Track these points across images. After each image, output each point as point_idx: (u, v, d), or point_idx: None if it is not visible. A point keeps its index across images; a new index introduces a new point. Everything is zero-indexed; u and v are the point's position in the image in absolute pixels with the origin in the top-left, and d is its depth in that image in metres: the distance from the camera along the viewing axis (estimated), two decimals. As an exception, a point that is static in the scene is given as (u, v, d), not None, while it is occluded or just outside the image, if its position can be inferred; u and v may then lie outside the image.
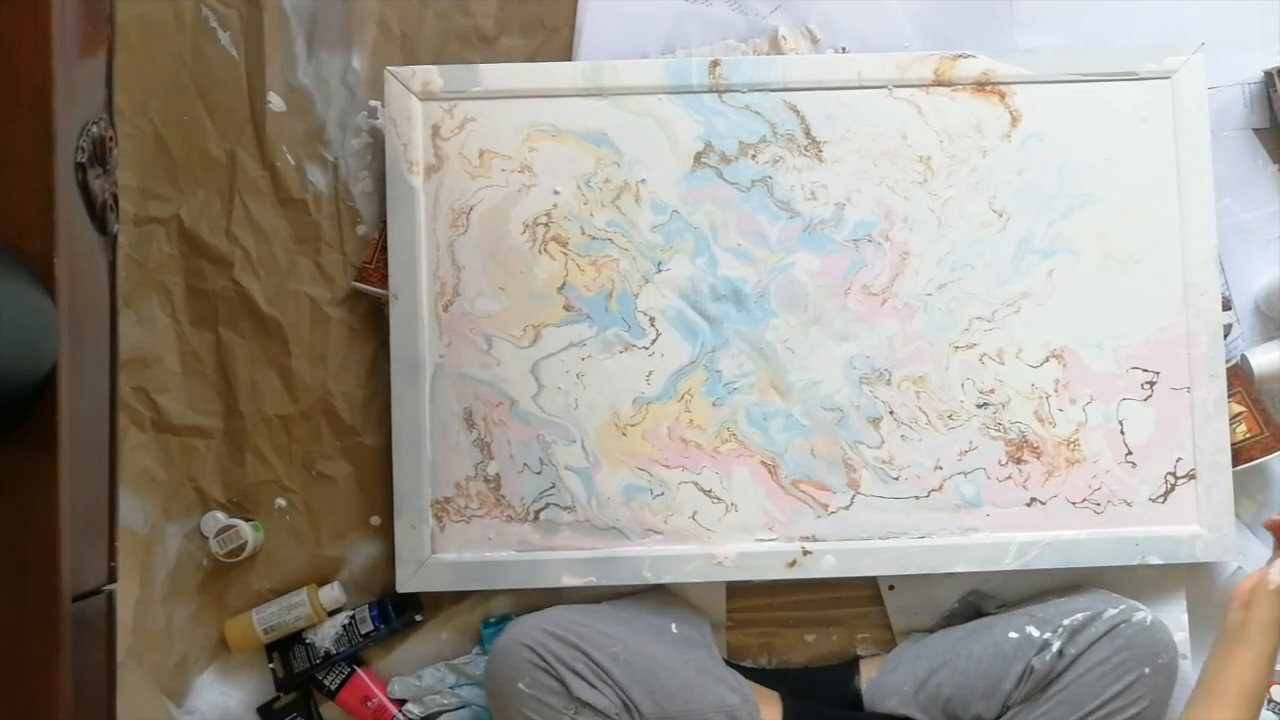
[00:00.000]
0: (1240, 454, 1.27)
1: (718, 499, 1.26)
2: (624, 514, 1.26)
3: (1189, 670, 1.24)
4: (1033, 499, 1.26)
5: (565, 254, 1.28)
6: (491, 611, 1.30)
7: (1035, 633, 1.18)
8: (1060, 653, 1.15)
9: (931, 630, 1.29)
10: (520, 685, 1.15)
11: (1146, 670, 1.14)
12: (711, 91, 1.28)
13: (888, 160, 1.28)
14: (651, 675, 1.17)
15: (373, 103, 1.33)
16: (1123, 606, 1.18)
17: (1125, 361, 1.27)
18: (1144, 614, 1.17)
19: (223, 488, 1.32)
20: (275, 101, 1.33)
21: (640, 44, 1.33)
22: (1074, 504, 1.26)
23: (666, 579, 1.26)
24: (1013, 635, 1.19)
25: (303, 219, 1.33)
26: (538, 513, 1.27)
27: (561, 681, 1.14)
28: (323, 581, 1.31)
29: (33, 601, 0.82)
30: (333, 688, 1.30)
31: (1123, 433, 1.26)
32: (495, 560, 1.26)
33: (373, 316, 1.33)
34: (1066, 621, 1.17)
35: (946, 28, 1.34)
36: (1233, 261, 1.32)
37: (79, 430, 0.87)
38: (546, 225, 1.28)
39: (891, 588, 1.29)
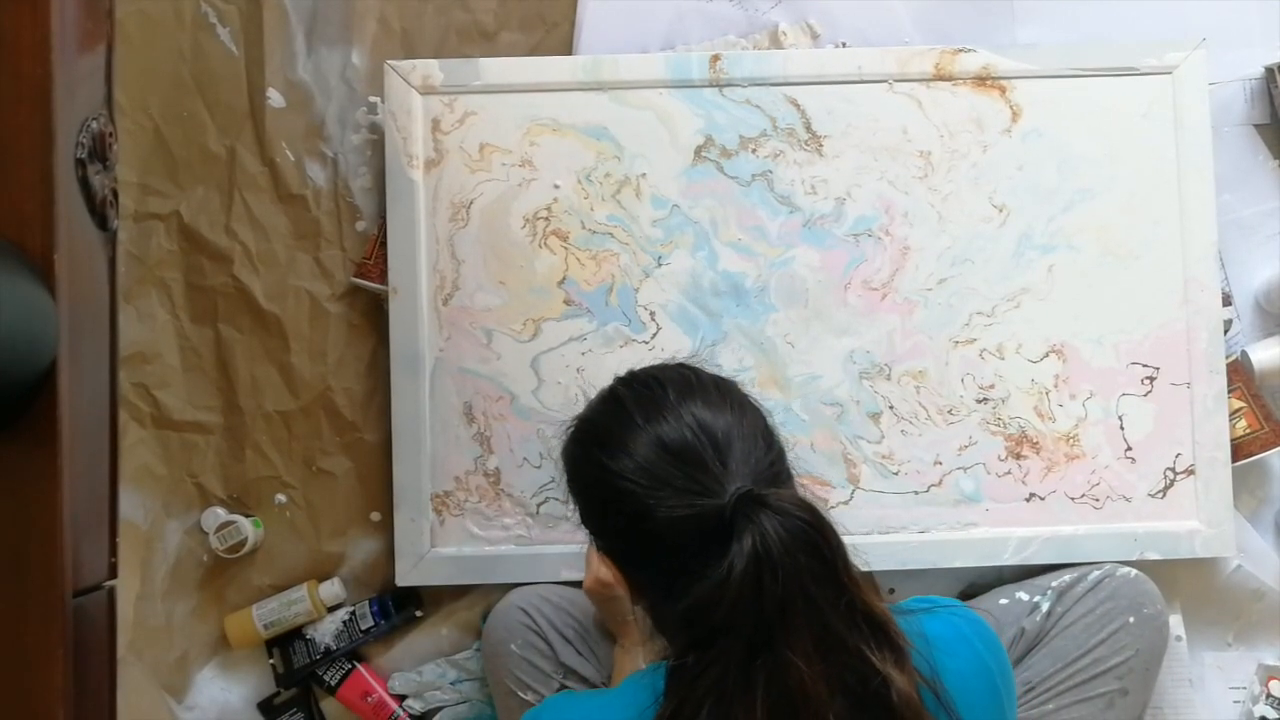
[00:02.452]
0: (1240, 450, 1.27)
1: (718, 494, 1.26)
2: (624, 509, 1.26)
3: (1186, 661, 1.25)
4: (1032, 494, 1.26)
5: (565, 248, 1.28)
6: (491, 607, 1.30)
7: (1025, 596, 1.20)
8: (1048, 613, 1.17)
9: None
10: (512, 646, 1.17)
11: (1131, 619, 1.15)
12: (712, 86, 1.28)
13: (888, 155, 1.28)
14: None
15: (372, 99, 1.33)
16: (1107, 566, 1.20)
17: (1125, 357, 1.27)
18: (1128, 570, 1.20)
19: (223, 483, 1.32)
20: (275, 97, 1.33)
21: (640, 40, 1.33)
22: (1073, 499, 1.26)
23: (666, 574, 1.26)
24: (1003, 601, 1.20)
25: (302, 215, 1.33)
26: (537, 507, 1.27)
27: (550, 646, 1.16)
28: (323, 577, 1.31)
29: (33, 597, 0.82)
30: (333, 683, 1.30)
31: (1122, 428, 1.26)
32: (494, 555, 1.26)
33: (372, 312, 1.32)
34: (1054, 583, 1.19)
35: (946, 23, 1.34)
36: (1233, 257, 1.32)
37: (79, 426, 0.87)
38: (547, 219, 1.28)
39: (892, 591, 1.29)
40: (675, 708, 0.77)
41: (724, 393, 0.86)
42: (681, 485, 0.78)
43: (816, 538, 0.76)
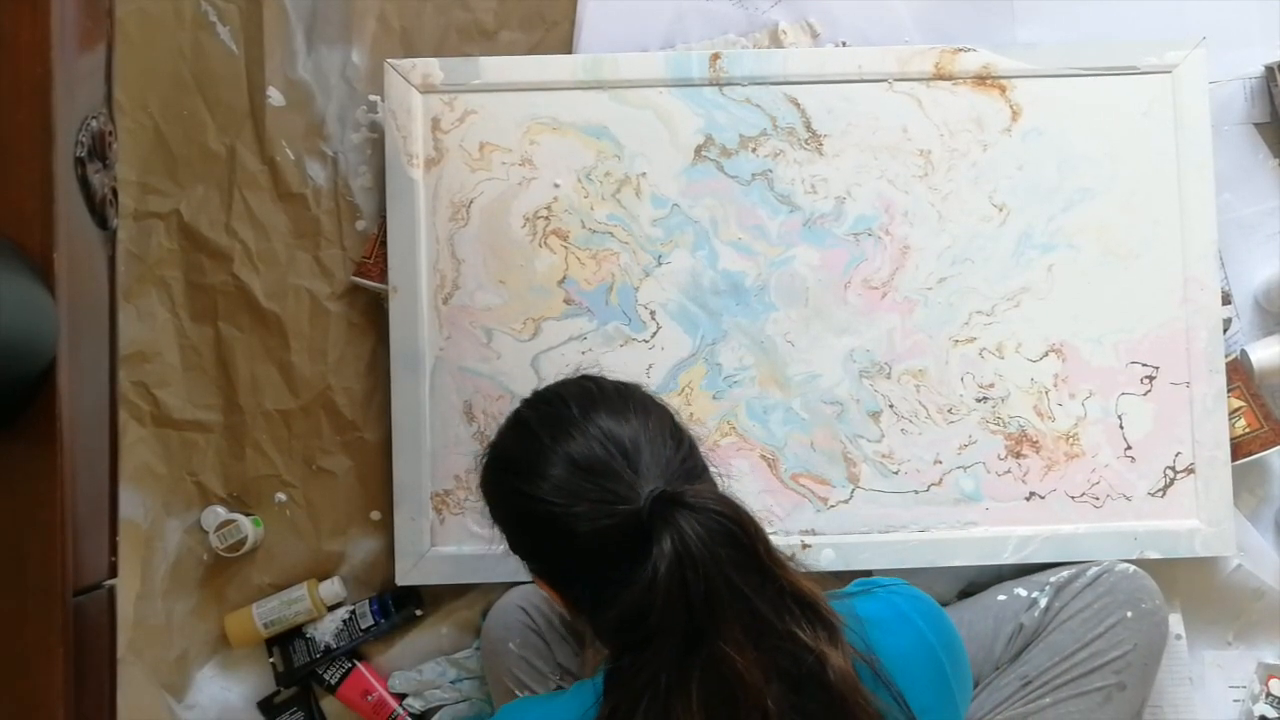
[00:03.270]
0: (1239, 449, 1.27)
1: (718, 493, 1.26)
2: (624, 508, 1.26)
3: (1186, 659, 1.25)
4: (1032, 493, 1.26)
5: (565, 247, 1.28)
6: (491, 606, 1.30)
7: (1023, 592, 1.19)
8: (1046, 608, 1.17)
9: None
10: (511, 645, 1.17)
11: (1129, 614, 1.15)
12: (712, 84, 1.28)
13: (888, 154, 1.28)
14: None
15: (372, 97, 1.33)
16: (1106, 562, 1.20)
17: (1125, 356, 1.27)
18: (1126, 565, 1.20)
19: (223, 482, 1.32)
20: (275, 96, 1.33)
21: (640, 39, 1.33)
22: (1073, 498, 1.26)
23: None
24: (1001, 597, 1.20)
25: (302, 214, 1.33)
26: (538, 507, 1.27)
27: (548, 645, 1.16)
28: (323, 576, 1.31)
29: (34, 596, 0.82)
30: (333, 682, 1.30)
31: (1122, 427, 1.26)
32: (494, 554, 1.26)
33: (372, 311, 1.32)
34: (1053, 579, 1.19)
35: (947, 23, 1.34)
36: (1233, 256, 1.32)
37: (79, 425, 0.87)
38: (547, 218, 1.28)
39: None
40: (612, 708, 0.79)
41: (626, 399, 0.88)
42: (597, 497, 0.80)
43: (734, 528, 0.78)
